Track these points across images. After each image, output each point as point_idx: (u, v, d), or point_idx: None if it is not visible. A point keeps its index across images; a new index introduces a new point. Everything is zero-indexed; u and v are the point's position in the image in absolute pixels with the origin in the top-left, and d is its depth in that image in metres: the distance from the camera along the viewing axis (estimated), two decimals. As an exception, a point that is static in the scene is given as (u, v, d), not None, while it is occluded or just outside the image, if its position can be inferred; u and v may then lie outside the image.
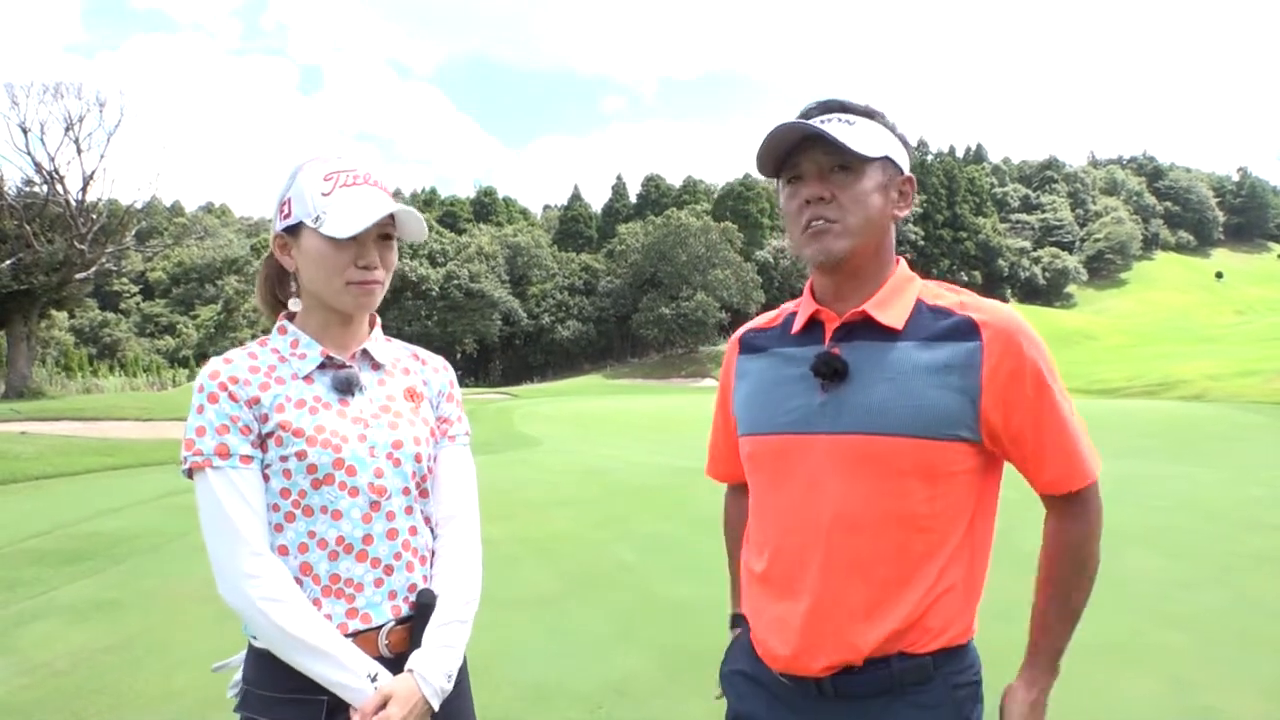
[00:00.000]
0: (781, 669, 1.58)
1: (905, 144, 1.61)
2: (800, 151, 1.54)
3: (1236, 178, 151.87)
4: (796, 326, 1.66)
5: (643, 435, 19.94)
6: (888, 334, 1.54)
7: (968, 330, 1.50)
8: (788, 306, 1.75)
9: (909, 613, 1.50)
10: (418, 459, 1.75)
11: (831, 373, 1.53)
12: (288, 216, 1.69)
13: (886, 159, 1.55)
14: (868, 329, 1.55)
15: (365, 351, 1.79)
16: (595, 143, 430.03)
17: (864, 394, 1.51)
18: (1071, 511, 1.58)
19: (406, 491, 1.73)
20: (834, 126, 1.51)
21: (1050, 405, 1.50)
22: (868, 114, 1.57)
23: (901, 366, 1.50)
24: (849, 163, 1.51)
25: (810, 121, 1.52)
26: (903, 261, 1.64)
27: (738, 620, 1.81)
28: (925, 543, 1.50)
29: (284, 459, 1.64)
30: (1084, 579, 1.60)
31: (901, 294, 1.58)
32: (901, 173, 1.59)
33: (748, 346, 1.77)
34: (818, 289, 1.65)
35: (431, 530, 1.80)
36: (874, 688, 1.51)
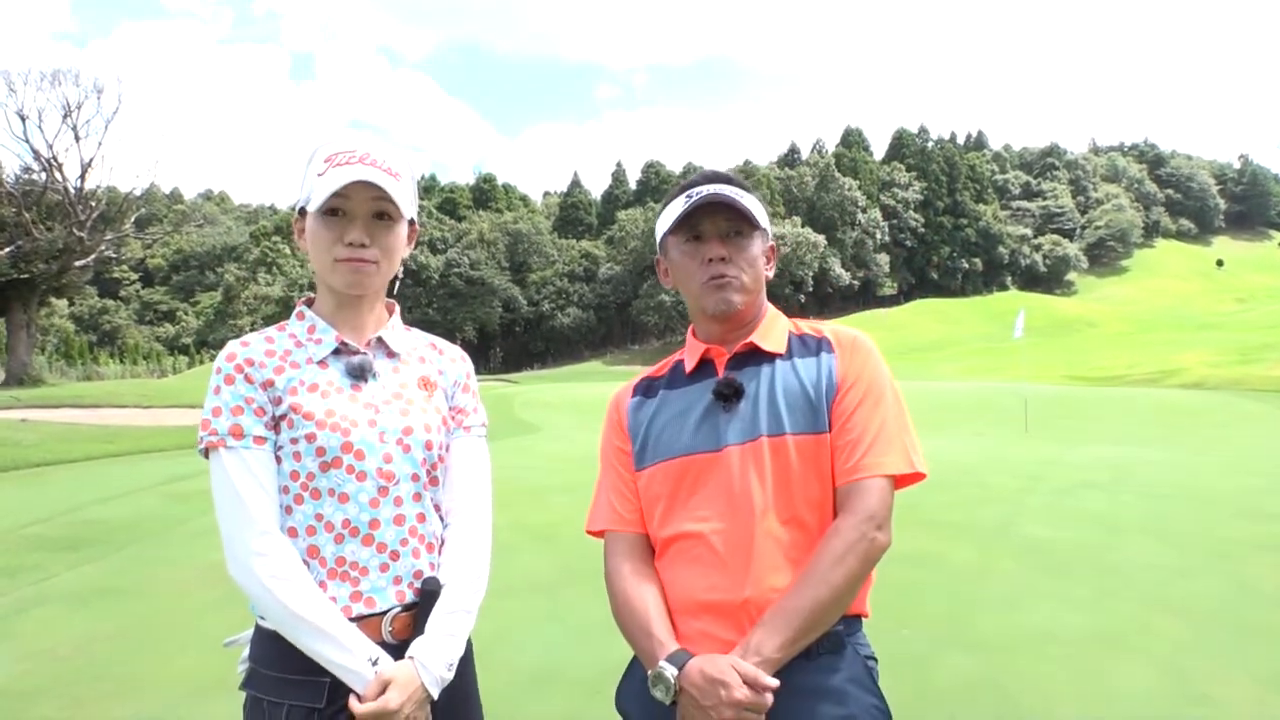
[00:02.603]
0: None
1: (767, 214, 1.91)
2: (704, 214, 1.78)
3: (1238, 165, 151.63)
4: (689, 367, 1.87)
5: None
6: (771, 358, 1.79)
7: (826, 346, 1.80)
8: (673, 357, 1.96)
9: None
10: (428, 446, 1.75)
11: (732, 393, 1.75)
12: (299, 202, 1.76)
13: (764, 229, 1.84)
14: (755, 357, 1.80)
15: (380, 339, 1.80)
16: (590, 130, 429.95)
17: (761, 406, 1.73)
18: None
19: (415, 478, 1.74)
20: (733, 194, 1.76)
21: (873, 403, 1.72)
22: (748, 189, 1.84)
23: (788, 379, 1.75)
24: (742, 229, 1.79)
25: (711, 190, 1.77)
26: (770, 306, 1.91)
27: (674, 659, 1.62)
28: (821, 521, 1.69)
29: (294, 441, 1.66)
30: (840, 571, 1.61)
31: (775, 328, 1.85)
32: (769, 240, 1.89)
33: (641, 391, 1.94)
34: (703, 334, 1.87)
35: (441, 518, 1.81)
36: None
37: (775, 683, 1.52)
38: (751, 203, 1.79)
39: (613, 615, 1.80)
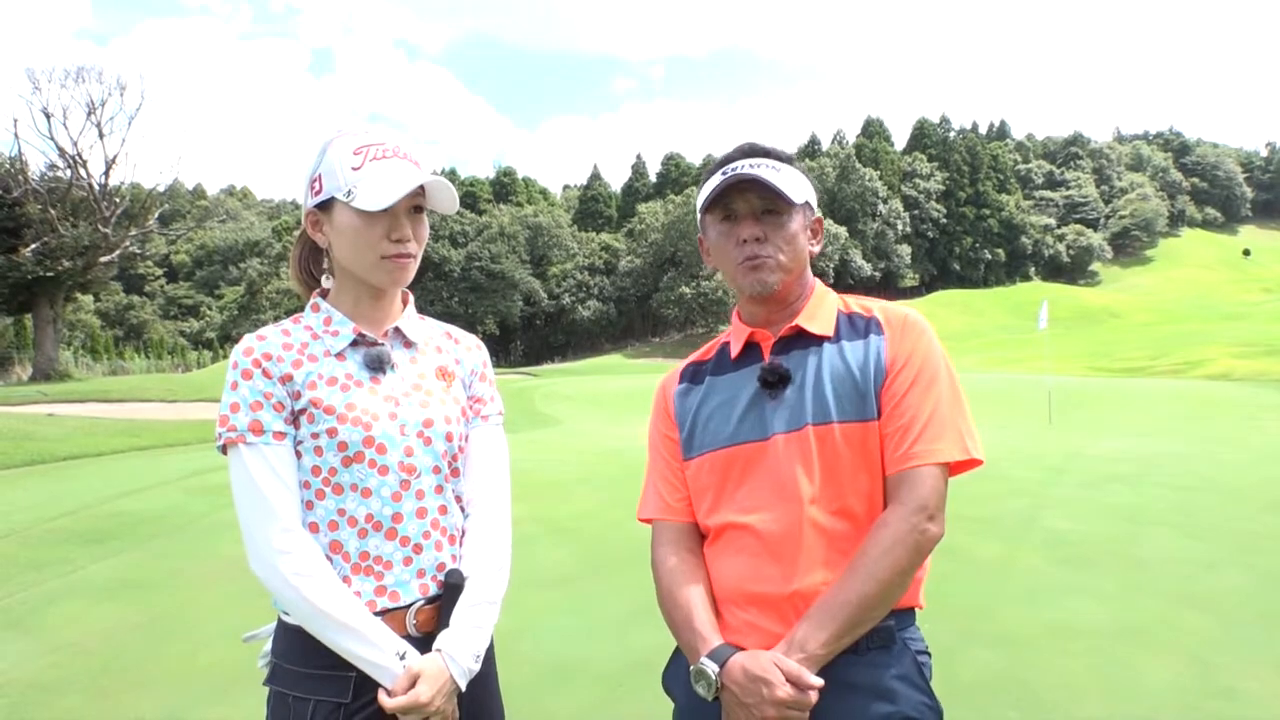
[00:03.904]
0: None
1: (813, 187, 1.82)
2: (735, 193, 1.72)
3: (1265, 153, 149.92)
4: (734, 352, 1.82)
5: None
6: (819, 341, 1.73)
7: (875, 327, 1.73)
8: (719, 339, 1.91)
9: None
10: (448, 438, 1.75)
11: (778, 380, 1.71)
12: (319, 193, 1.69)
13: (805, 203, 1.76)
14: (801, 340, 1.75)
15: (397, 329, 1.79)
16: (609, 123, 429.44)
17: (807, 393, 1.68)
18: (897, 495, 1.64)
19: (437, 470, 1.73)
20: (765, 172, 1.69)
21: (925, 386, 1.66)
22: (788, 160, 1.78)
23: (835, 364, 1.69)
24: (778, 206, 1.72)
25: (744, 167, 1.71)
26: (819, 282, 1.86)
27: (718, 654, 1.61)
28: (871, 511, 1.64)
29: (315, 436, 1.65)
30: (888, 564, 1.56)
31: (823, 308, 1.79)
32: (814, 214, 1.82)
33: (688, 377, 1.90)
34: (747, 316, 1.82)
35: (462, 509, 1.80)
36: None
37: (819, 681, 1.50)
38: (788, 178, 1.72)
39: (658, 604, 1.78)
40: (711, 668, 1.57)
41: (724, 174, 1.72)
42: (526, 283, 79.42)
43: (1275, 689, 3.71)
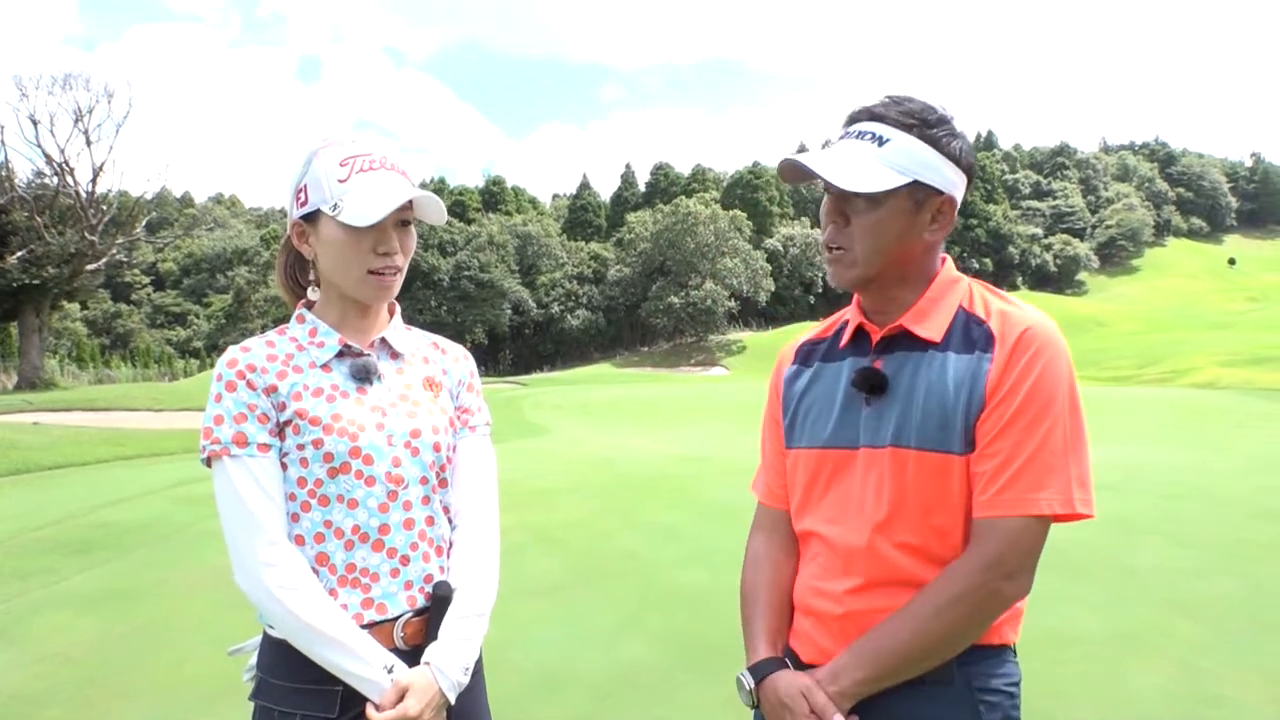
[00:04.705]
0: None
1: (955, 156, 1.51)
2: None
3: (1250, 163, 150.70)
4: (845, 339, 1.66)
5: (652, 424, 19.94)
6: (926, 346, 1.53)
7: (986, 342, 1.48)
8: (839, 316, 1.73)
9: None
10: (436, 449, 1.73)
11: (871, 387, 1.53)
12: (304, 204, 1.66)
13: (914, 183, 1.47)
14: (907, 341, 1.55)
15: (384, 340, 1.76)
16: (597, 131, 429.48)
17: (901, 408, 1.50)
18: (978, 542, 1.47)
19: (424, 481, 1.72)
20: (851, 152, 1.49)
21: (1029, 421, 1.42)
22: (911, 125, 1.49)
23: (933, 380, 1.49)
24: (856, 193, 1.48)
25: (839, 138, 1.52)
26: (949, 265, 1.61)
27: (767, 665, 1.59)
28: (945, 551, 1.49)
29: (301, 447, 1.63)
30: (943, 623, 1.44)
31: (941, 304, 1.55)
32: (938, 193, 1.50)
33: (801, 358, 1.75)
34: (862, 300, 1.63)
35: (449, 520, 1.79)
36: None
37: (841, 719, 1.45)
38: (876, 159, 1.47)
39: (740, 586, 1.76)
40: (749, 681, 1.56)
41: (788, 168, 1.54)
42: (515, 292, 79.33)
43: (1264, 696, 3.72)
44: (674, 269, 76.15)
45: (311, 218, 1.66)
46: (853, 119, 1.55)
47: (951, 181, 1.51)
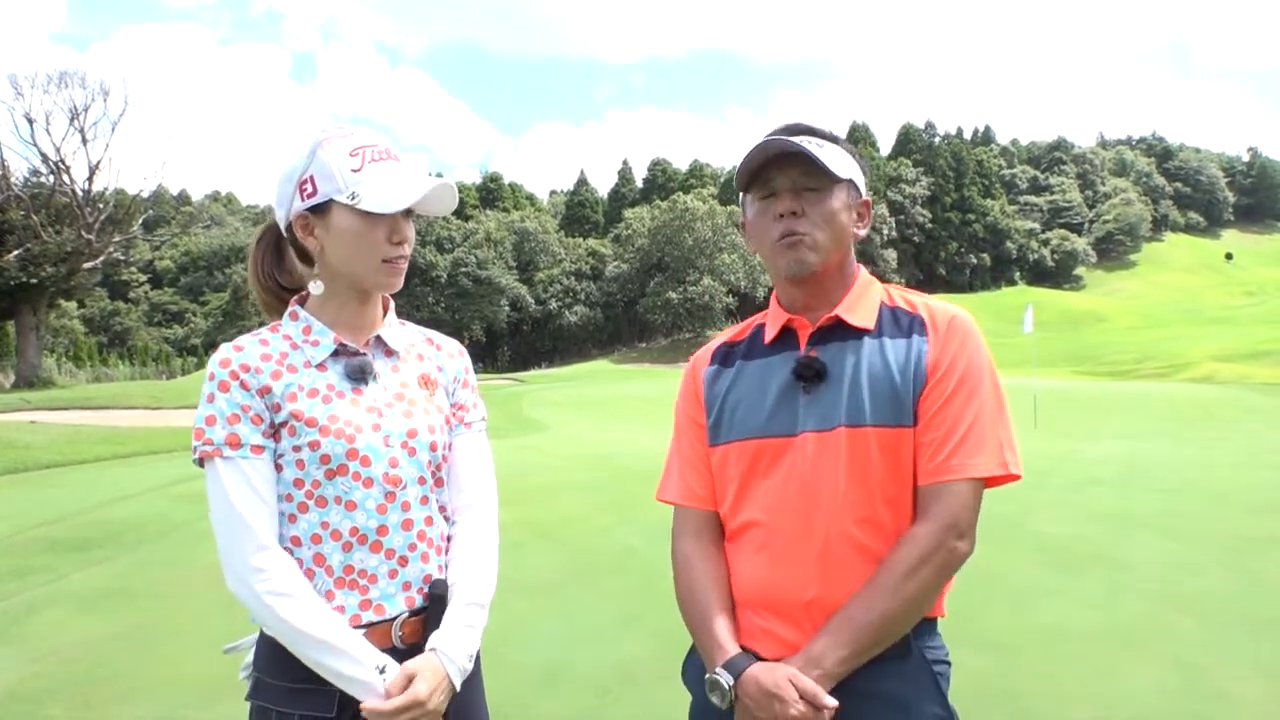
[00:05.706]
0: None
1: (863, 169, 1.73)
2: (775, 168, 1.64)
3: (1246, 158, 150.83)
4: (769, 336, 1.74)
5: (649, 420, 19.92)
6: (859, 334, 1.65)
7: (919, 326, 1.64)
8: (754, 320, 1.83)
9: None
10: (433, 448, 1.72)
11: (813, 375, 1.63)
12: (312, 195, 1.62)
13: (850, 181, 1.67)
14: (840, 332, 1.66)
15: (379, 338, 1.75)
16: (593, 129, 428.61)
17: (843, 391, 1.60)
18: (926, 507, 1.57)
19: (422, 481, 1.70)
20: (812, 147, 1.61)
21: (965, 396, 1.58)
22: (832, 139, 1.70)
23: (874, 363, 1.61)
24: (819, 183, 1.63)
25: (788, 139, 1.62)
26: (863, 269, 1.76)
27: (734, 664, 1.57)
28: (898, 521, 1.58)
29: (297, 449, 1.61)
30: (914, 584, 1.51)
31: (865, 299, 1.70)
32: (861, 195, 1.71)
33: (720, 359, 1.82)
34: (785, 300, 1.74)
35: (447, 519, 1.77)
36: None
37: (834, 703, 1.45)
38: (830, 154, 1.63)
39: (675, 595, 1.75)
40: (726, 679, 1.54)
41: (763, 148, 1.64)
42: (513, 288, 79.29)
43: (1261, 691, 3.73)
44: (672, 265, 76.21)
45: (320, 209, 1.64)
46: (783, 131, 1.69)
47: (865, 187, 1.73)
